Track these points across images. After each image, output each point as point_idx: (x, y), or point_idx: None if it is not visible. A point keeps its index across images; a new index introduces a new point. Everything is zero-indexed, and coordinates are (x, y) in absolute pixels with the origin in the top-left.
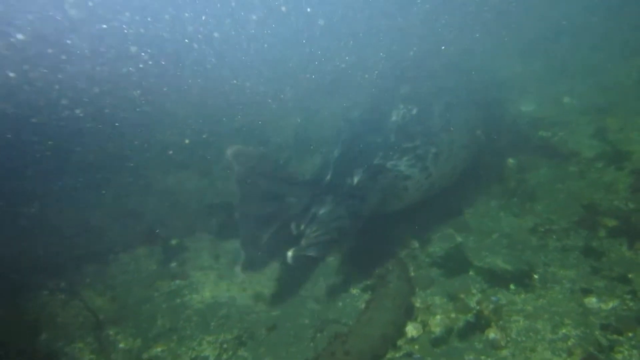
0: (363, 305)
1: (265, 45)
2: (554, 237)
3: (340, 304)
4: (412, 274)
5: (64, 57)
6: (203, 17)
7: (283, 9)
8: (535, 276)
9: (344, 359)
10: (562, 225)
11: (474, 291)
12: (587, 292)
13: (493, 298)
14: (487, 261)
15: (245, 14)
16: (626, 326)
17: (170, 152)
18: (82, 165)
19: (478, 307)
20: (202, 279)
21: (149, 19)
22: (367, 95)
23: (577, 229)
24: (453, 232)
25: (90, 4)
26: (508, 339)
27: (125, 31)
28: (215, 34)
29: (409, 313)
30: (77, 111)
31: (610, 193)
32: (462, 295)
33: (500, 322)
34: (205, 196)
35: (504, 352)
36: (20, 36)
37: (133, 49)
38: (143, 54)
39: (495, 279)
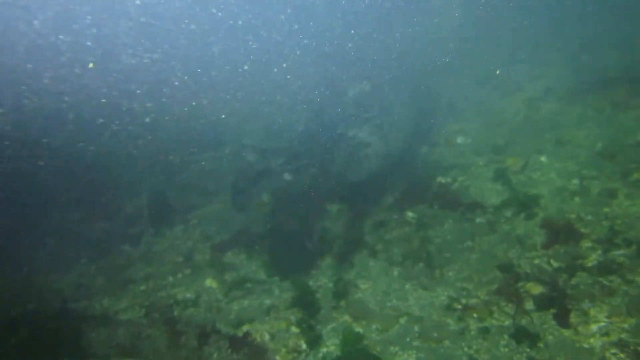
0: None
1: None
2: (475, 315)
3: None
4: None
5: None
6: None
7: None
8: None
9: None
10: (482, 298)
11: None
12: None
13: None
14: None
15: None
16: None
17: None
18: None
19: None
20: None
21: None
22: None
23: (500, 302)
24: (350, 321)
25: None
26: None
27: None
28: None
29: None
30: None
31: (527, 248)
32: None
33: None
34: None
35: None
36: None
37: None
38: None
39: None
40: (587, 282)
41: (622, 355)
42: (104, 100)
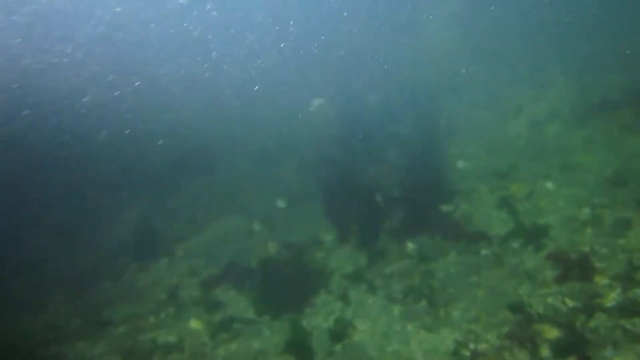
0: None
1: None
2: None
3: None
4: None
5: None
6: None
7: None
8: None
9: None
10: (492, 342)
11: None
12: None
13: None
14: None
15: None
16: None
17: None
18: None
19: None
20: None
21: None
22: None
23: (512, 348)
24: None
25: None
26: None
27: None
28: None
29: None
30: None
31: (538, 285)
32: None
33: None
34: None
35: None
36: None
37: None
38: None
39: None
40: (607, 325)
41: None
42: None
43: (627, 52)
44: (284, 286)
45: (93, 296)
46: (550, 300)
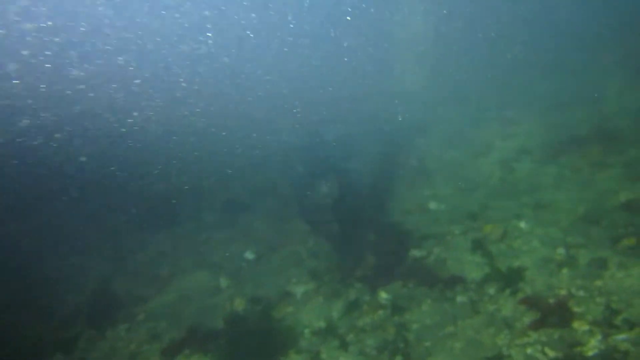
0: None
1: None
2: None
3: None
4: None
5: None
6: None
7: None
8: None
9: None
10: None
11: None
12: None
13: None
14: None
15: None
16: None
17: None
18: None
19: None
20: None
21: None
22: None
23: None
24: None
25: None
26: None
27: None
28: None
29: None
30: None
31: (516, 334)
32: None
33: None
34: None
35: None
36: None
37: None
38: None
39: None
40: None
41: None
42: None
43: (591, 89)
44: (252, 347)
45: None
46: (529, 350)
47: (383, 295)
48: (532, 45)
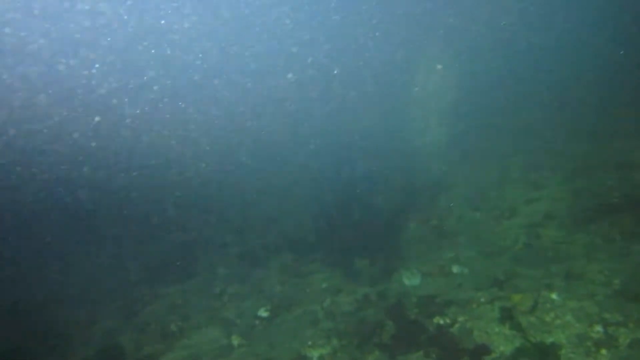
0: None
1: None
2: None
3: None
4: None
5: None
6: None
7: None
8: None
9: None
10: None
11: None
12: None
13: None
14: None
15: None
16: None
17: None
18: None
19: None
20: None
21: None
22: None
23: None
24: None
25: None
26: None
27: None
28: None
29: None
30: None
31: None
32: None
33: None
34: None
35: None
36: None
37: None
38: None
39: None
40: None
41: None
42: None
43: (620, 152)
44: None
45: None
46: None
47: None
48: (557, 104)
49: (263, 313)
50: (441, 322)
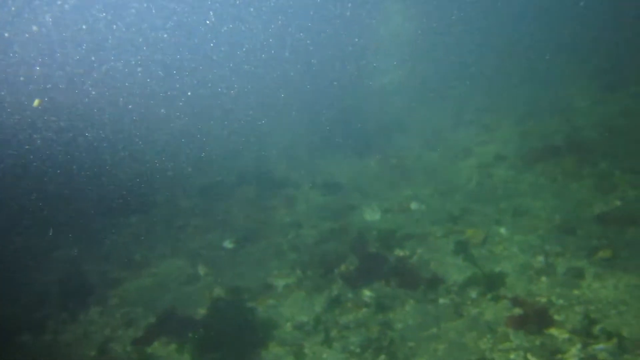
0: None
1: None
2: None
3: None
4: None
5: None
6: None
7: None
8: None
9: None
10: None
11: None
12: None
13: None
14: None
15: None
16: None
17: None
18: None
19: None
20: None
21: None
22: None
23: None
24: None
25: None
26: None
27: None
28: None
29: None
30: None
31: (499, 339)
32: None
33: None
34: None
35: None
36: None
37: None
38: None
39: None
40: None
41: None
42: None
43: (563, 98)
44: (231, 339)
45: (7, 354)
46: (512, 356)
47: (367, 293)
48: (510, 53)
49: (228, 244)
50: (401, 254)
